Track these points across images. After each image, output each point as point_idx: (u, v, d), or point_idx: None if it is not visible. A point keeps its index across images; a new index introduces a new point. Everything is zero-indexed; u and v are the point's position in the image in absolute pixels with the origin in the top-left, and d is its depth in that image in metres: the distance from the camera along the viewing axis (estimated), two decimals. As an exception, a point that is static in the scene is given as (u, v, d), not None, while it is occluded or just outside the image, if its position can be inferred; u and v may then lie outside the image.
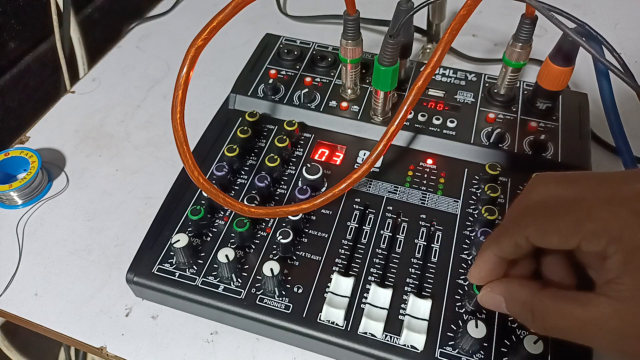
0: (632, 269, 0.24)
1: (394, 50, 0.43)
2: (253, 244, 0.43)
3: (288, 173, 0.48)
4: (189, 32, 0.71)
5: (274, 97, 0.53)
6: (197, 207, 0.43)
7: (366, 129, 0.50)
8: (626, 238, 0.24)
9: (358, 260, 0.42)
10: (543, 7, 0.37)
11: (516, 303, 0.29)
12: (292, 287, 0.40)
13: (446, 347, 0.37)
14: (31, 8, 0.68)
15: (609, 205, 0.25)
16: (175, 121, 0.36)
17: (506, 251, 0.29)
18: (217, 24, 0.35)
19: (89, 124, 0.60)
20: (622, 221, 0.24)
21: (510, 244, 0.28)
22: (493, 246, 0.29)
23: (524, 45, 0.46)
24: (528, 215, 0.28)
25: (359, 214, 0.45)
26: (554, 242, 0.26)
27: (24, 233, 0.50)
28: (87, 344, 0.42)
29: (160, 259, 0.42)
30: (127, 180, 0.54)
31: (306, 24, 0.73)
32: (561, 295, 0.27)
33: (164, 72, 0.66)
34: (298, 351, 0.41)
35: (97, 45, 0.77)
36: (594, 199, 0.26)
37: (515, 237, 0.28)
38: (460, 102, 0.52)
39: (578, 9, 0.73)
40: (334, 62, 0.55)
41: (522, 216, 0.28)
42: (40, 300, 0.45)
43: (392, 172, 0.48)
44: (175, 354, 0.41)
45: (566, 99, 0.51)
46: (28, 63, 0.69)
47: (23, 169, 0.54)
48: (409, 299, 0.39)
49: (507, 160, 0.47)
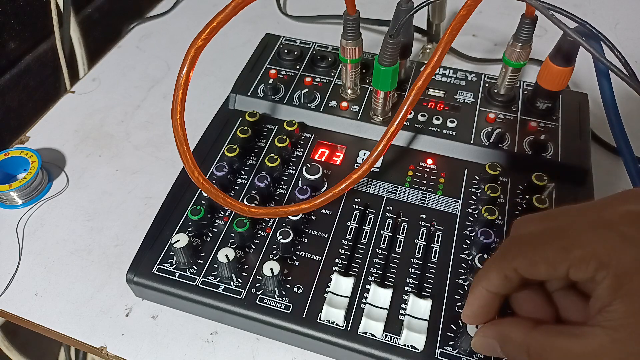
0: (623, 294, 0.23)
1: (394, 50, 0.43)
2: (253, 244, 0.43)
3: (288, 173, 0.48)
4: (189, 32, 0.71)
5: (274, 97, 0.53)
6: (197, 207, 0.43)
7: (366, 129, 0.50)
8: (615, 263, 0.23)
9: (358, 260, 0.42)
10: (543, 7, 0.37)
11: (510, 345, 0.27)
12: (292, 287, 0.40)
13: (446, 347, 0.37)
14: (31, 8, 0.68)
15: (595, 229, 0.24)
16: (175, 121, 0.36)
17: (495, 285, 0.28)
18: (217, 24, 0.35)
19: (89, 124, 0.60)
20: (610, 245, 0.23)
21: (499, 277, 0.27)
22: (482, 281, 0.28)
23: (524, 45, 0.46)
24: (515, 247, 0.27)
25: (359, 214, 0.45)
26: (542, 272, 0.25)
27: (24, 233, 0.50)
28: (87, 344, 0.42)
29: (160, 259, 0.42)
30: (127, 180, 0.54)
31: (306, 24, 0.73)
32: (556, 331, 0.26)
33: (164, 72, 0.66)
34: (298, 351, 0.41)
35: (97, 45, 0.77)
36: (579, 225, 0.25)
37: (504, 269, 0.27)
38: (460, 102, 0.52)
39: (578, 9, 0.73)
40: (334, 62, 0.55)
41: (509, 249, 0.27)
42: (40, 300, 0.45)
43: (392, 172, 0.48)
44: (175, 354, 0.41)
45: (566, 99, 0.52)
46: (28, 63, 0.69)
47: (23, 169, 0.54)
48: (409, 299, 0.39)
49: (507, 160, 0.47)
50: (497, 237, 0.42)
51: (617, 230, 0.24)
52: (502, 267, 0.27)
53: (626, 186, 0.51)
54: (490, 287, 0.28)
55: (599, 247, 0.24)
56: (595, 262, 0.24)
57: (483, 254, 0.39)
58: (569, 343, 0.24)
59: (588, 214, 0.26)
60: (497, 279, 0.27)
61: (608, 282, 0.23)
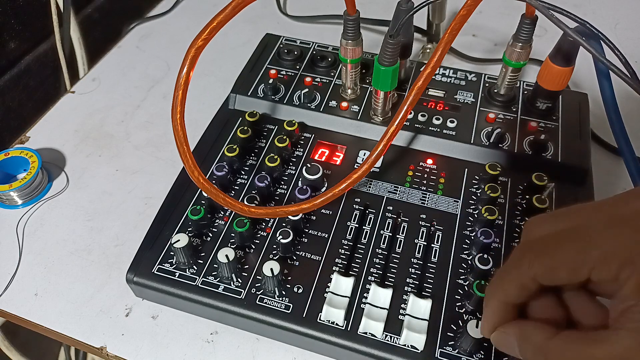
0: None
1: (394, 50, 0.43)
2: (253, 244, 0.43)
3: (288, 173, 0.48)
4: (189, 32, 0.71)
5: (274, 97, 0.53)
6: (197, 207, 0.43)
7: (366, 129, 0.50)
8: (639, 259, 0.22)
9: (358, 260, 0.42)
10: (543, 7, 0.37)
11: (529, 347, 0.26)
12: (292, 287, 0.40)
13: (446, 347, 0.37)
14: (31, 8, 0.68)
15: (610, 228, 0.23)
16: (175, 121, 0.36)
17: (512, 295, 0.27)
18: (217, 24, 0.35)
19: (89, 124, 0.60)
20: (629, 242, 0.22)
21: (516, 287, 0.26)
22: (498, 293, 0.27)
23: (524, 45, 0.46)
24: (529, 254, 0.26)
25: (359, 214, 0.45)
26: (562, 278, 0.24)
27: (24, 233, 0.50)
28: (87, 344, 0.42)
29: (160, 259, 0.42)
30: (127, 180, 0.54)
31: (306, 24, 0.73)
32: (577, 338, 0.24)
33: (164, 72, 0.66)
34: (298, 351, 0.41)
35: (97, 45, 0.77)
36: (594, 225, 0.24)
37: (520, 279, 0.26)
38: (460, 102, 0.52)
39: (578, 9, 0.73)
40: (334, 62, 0.55)
41: (523, 257, 0.26)
42: (40, 300, 0.45)
43: (392, 172, 0.48)
44: (175, 354, 0.41)
45: (566, 99, 0.51)
46: (28, 63, 0.69)
47: (23, 169, 0.54)
48: (409, 299, 0.39)
49: (507, 160, 0.47)
50: (497, 237, 0.42)
51: (633, 226, 0.23)
52: (518, 276, 0.26)
53: (626, 186, 0.51)
54: (507, 299, 0.27)
55: (618, 245, 0.23)
56: (617, 261, 0.22)
57: (483, 254, 0.39)
58: (591, 349, 0.23)
59: (601, 213, 0.25)
60: (514, 289, 0.26)
61: (635, 281, 0.22)
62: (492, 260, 0.39)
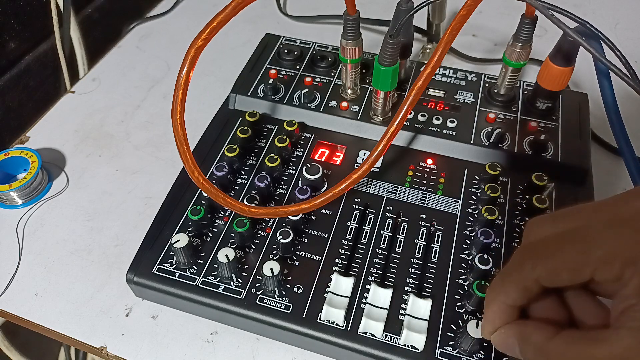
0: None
1: (394, 50, 0.43)
2: (253, 244, 0.43)
3: (288, 173, 0.48)
4: (189, 32, 0.71)
5: (274, 97, 0.53)
6: (197, 207, 0.43)
7: (366, 129, 0.50)
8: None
9: (358, 260, 0.42)
10: (543, 7, 0.37)
11: (529, 347, 0.26)
12: (292, 287, 0.40)
13: (446, 347, 0.37)
14: (31, 8, 0.68)
15: (611, 228, 0.23)
16: (175, 121, 0.36)
17: (514, 298, 0.27)
18: (217, 24, 0.35)
19: (89, 124, 0.60)
20: (631, 242, 0.22)
21: (518, 290, 0.26)
22: (500, 296, 0.27)
23: (524, 45, 0.46)
24: (531, 256, 0.26)
25: (359, 214, 0.45)
26: (564, 279, 0.24)
27: (24, 233, 0.50)
28: (87, 344, 0.42)
29: (160, 259, 0.42)
30: (127, 180, 0.54)
31: (306, 24, 0.73)
32: (577, 337, 0.24)
33: (164, 72, 0.66)
34: (298, 351, 0.41)
35: (97, 45, 0.77)
36: (594, 226, 0.24)
37: (523, 281, 0.26)
38: (460, 102, 0.52)
39: (578, 9, 0.73)
40: (334, 62, 0.55)
41: (525, 259, 0.26)
42: (40, 300, 0.45)
43: (392, 172, 0.48)
44: (175, 354, 0.41)
45: (566, 99, 0.51)
46: (28, 63, 0.69)
47: (23, 169, 0.54)
48: (409, 299, 0.39)
49: (507, 160, 0.47)
50: (497, 237, 0.42)
51: (634, 226, 0.23)
52: (520, 278, 0.26)
53: (626, 186, 0.51)
54: (508, 301, 0.27)
55: (620, 245, 0.23)
56: (619, 261, 0.22)
57: (483, 254, 0.39)
58: (592, 349, 0.23)
59: (602, 213, 0.25)
60: (516, 291, 0.26)
61: (637, 281, 0.22)
62: (492, 260, 0.39)
